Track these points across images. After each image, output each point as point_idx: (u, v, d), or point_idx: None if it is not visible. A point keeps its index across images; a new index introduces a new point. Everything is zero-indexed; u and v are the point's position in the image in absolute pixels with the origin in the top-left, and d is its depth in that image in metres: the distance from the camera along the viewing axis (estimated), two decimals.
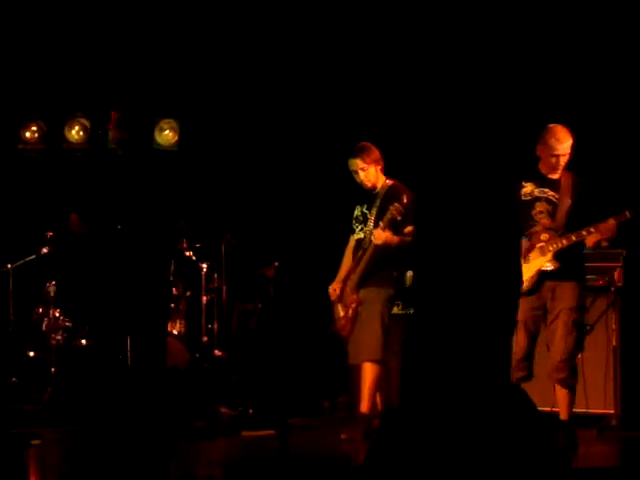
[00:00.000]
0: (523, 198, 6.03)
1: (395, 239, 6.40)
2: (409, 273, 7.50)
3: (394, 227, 6.40)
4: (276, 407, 5.37)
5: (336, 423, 7.05)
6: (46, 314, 8.19)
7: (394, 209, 6.30)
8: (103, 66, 8.72)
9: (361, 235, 6.56)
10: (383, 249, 6.39)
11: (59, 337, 8.11)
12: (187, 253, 7.57)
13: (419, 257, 6.71)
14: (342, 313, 6.55)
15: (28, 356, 8.23)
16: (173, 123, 8.83)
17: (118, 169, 5.16)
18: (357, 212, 6.65)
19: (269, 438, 6.16)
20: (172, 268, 7.71)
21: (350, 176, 6.63)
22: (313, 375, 7.80)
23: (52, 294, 8.20)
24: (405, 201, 6.34)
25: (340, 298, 6.59)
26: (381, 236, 6.36)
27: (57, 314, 8.16)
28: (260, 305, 8.01)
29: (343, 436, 6.28)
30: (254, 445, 5.78)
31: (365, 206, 6.59)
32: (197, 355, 7.77)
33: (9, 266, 8.16)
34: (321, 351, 8.08)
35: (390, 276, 6.50)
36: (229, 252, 7.89)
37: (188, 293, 7.95)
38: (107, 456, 5.00)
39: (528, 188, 6.03)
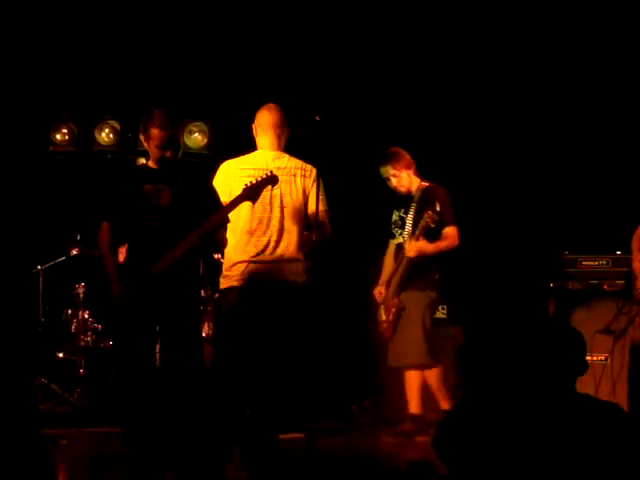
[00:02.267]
0: None
1: (429, 248, 6.38)
2: None
3: (430, 234, 6.38)
4: (304, 410, 5.35)
5: (363, 426, 7.04)
6: (75, 316, 8.22)
7: (428, 217, 6.29)
8: (133, 69, 8.76)
9: (400, 240, 6.55)
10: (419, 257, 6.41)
11: (88, 339, 8.15)
12: (215, 255, 7.57)
13: None
14: (384, 317, 6.58)
15: (57, 357, 8.26)
16: (202, 126, 8.85)
17: (149, 172, 5.15)
18: (395, 217, 6.65)
19: (297, 441, 6.15)
20: (201, 271, 7.73)
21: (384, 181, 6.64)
22: (340, 379, 7.78)
23: (81, 296, 8.23)
24: (439, 206, 6.31)
25: (383, 301, 6.60)
26: (413, 248, 6.37)
27: (86, 316, 8.19)
28: None
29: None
30: (282, 448, 5.75)
31: (402, 210, 6.59)
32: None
33: (39, 267, 8.19)
34: (348, 354, 8.08)
35: (431, 279, 6.49)
36: None
37: (216, 295, 7.96)
38: (135, 457, 5.00)
39: None
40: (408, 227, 6.48)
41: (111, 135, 8.94)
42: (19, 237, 9.03)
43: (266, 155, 5.29)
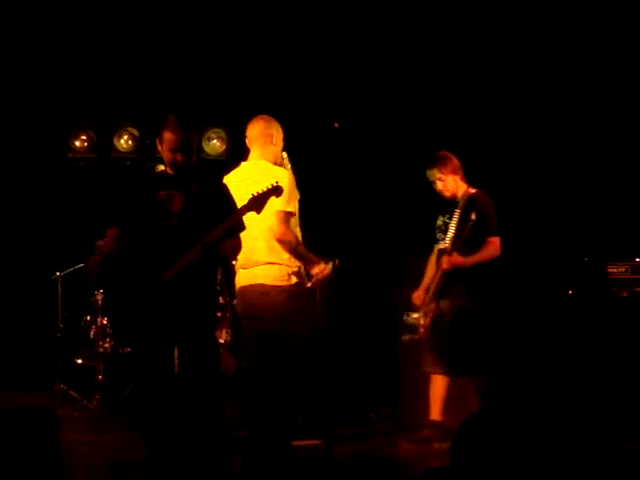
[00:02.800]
0: None
1: (467, 261, 6.33)
2: None
3: (471, 242, 6.33)
4: (323, 417, 5.35)
5: (381, 433, 7.03)
6: (94, 322, 8.25)
7: (466, 229, 6.26)
8: (153, 77, 8.79)
9: (442, 245, 6.51)
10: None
11: (106, 345, 8.17)
12: (233, 262, 7.58)
13: None
14: (422, 321, 6.55)
15: (76, 363, 8.28)
16: (221, 132, 8.87)
17: (164, 178, 5.16)
18: (439, 222, 6.61)
19: (315, 448, 6.15)
20: (219, 277, 7.73)
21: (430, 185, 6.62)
22: (358, 386, 7.77)
23: (100, 302, 8.25)
24: (474, 217, 6.26)
25: (422, 306, 6.59)
26: (448, 262, 6.33)
27: (104, 322, 8.22)
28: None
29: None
30: (301, 455, 5.77)
31: (447, 216, 6.53)
32: (244, 364, 7.77)
33: (58, 274, 8.22)
34: (367, 362, 8.07)
35: (470, 288, 6.43)
36: None
37: (234, 301, 7.95)
38: (153, 463, 5.01)
39: None
40: (450, 233, 6.42)
41: (130, 142, 8.98)
42: (39, 244, 9.09)
43: (248, 165, 5.52)
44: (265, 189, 4.98)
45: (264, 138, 5.52)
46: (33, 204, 9.23)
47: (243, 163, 5.58)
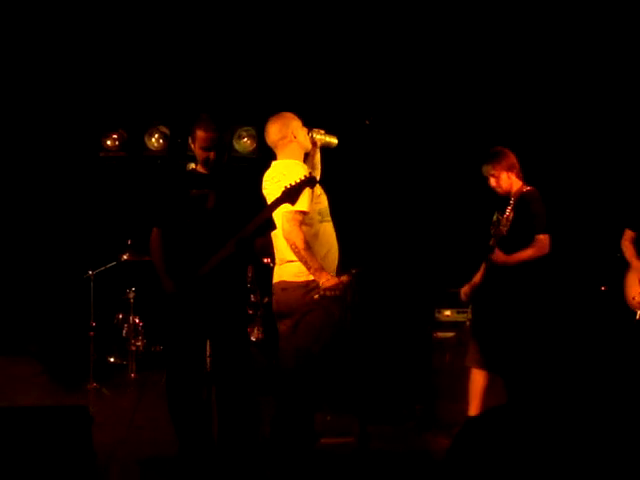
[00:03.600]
0: None
1: (510, 259, 6.31)
2: None
3: (516, 241, 6.30)
4: (356, 414, 5.33)
5: (414, 430, 7.02)
6: (126, 320, 8.30)
7: (502, 227, 6.23)
8: (183, 76, 8.82)
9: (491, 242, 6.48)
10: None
11: (139, 343, 8.21)
12: (265, 260, 7.59)
13: None
14: (470, 315, 6.55)
15: (108, 361, 8.34)
16: (252, 131, 8.89)
17: (197, 176, 5.19)
18: (495, 218, 6.58)
19: (348, 445, 6.14)
20: (250, 275, 7.75)
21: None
22: (391, 383, 7.76)
23: (132, 301, 8.30)
24: (511, 215, 6.24)
25: (468, 300, 6.58)
26: (498, 259, 6.33)
27: (137, 320, 8.26)
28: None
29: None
30: (333, 452, 5.77)
31: (501, 212, 6.51)
32: (274, 362, 7.77)
33: (90, 272, 8.27)
34: (398, 359, 8.05)
35: (517, 286, 6.40)
36: None
37: (266, 299, 7.97)
38: (186, 460, 5.03)
39: None
40: (501, 229, 6.40)
41: (161, 140, 9.02)
42: (72, 243, 9.15)
43: (275, 165, 5.47)
44: (298, 180, 4.97)
45: (282, 141, 5.44)
46: (66, 203, 9.29)
47: (273, 162, 5.57)
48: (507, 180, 6.45)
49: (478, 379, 6.44)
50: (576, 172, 8.37)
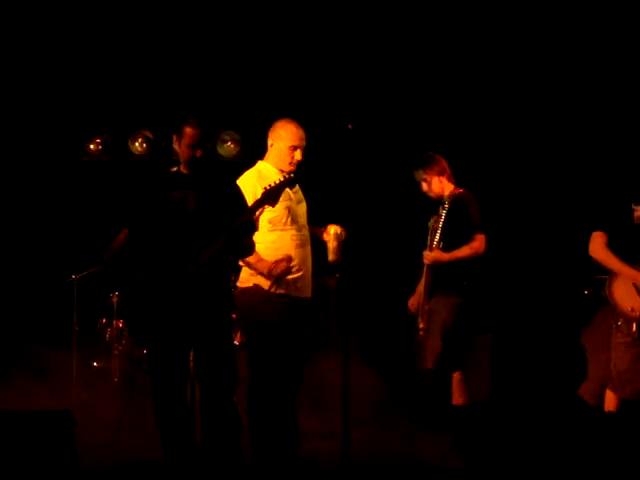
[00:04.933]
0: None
1: (444, 257, 6.38)
2: None
3: (455, 241, 6.36)
4: (339, 419, 5.36)
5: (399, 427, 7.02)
6: (109, 324, 8.27)
7: (443, 228, 6.31)
8: (166, 80, 8.82)
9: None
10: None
11: (122, 347, 8.19)
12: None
13: None
14: (421, 324, 6.58)
15: (92, 365, 8.31)
16: (235, 135, 8.89)
17: (178, 177, 5.20)
18: (430, 223, 6.64)
19: (329, 449, 6.17)
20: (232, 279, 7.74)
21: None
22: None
23: (115, 305, 8.27)
24: (444, 216, 6.33)
25: (419, 309, 6.62)
26: (428, 257, 6.40)
27: (120, 325, 8.24)
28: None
29: None
30: (313, 457, 5.79)
31: (435, 217, 6.56)
32: None
33: (74, 277, 8.24)
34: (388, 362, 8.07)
35: (456, 285, 6.46)
36: None
37: None
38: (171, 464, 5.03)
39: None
40: (436, 234, 6.45)
41: (144, 144, 9.02)
42: (55, 247, 9.12)
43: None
44: (277, 181, 5.01)
45: (268, 145, 5.69)
46: (49, 207, 9.26)
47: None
48: (439, 184, 6.57)
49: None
50: (518, 173, 8.46)
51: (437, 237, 6.41)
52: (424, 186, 6.61)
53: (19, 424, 4.69)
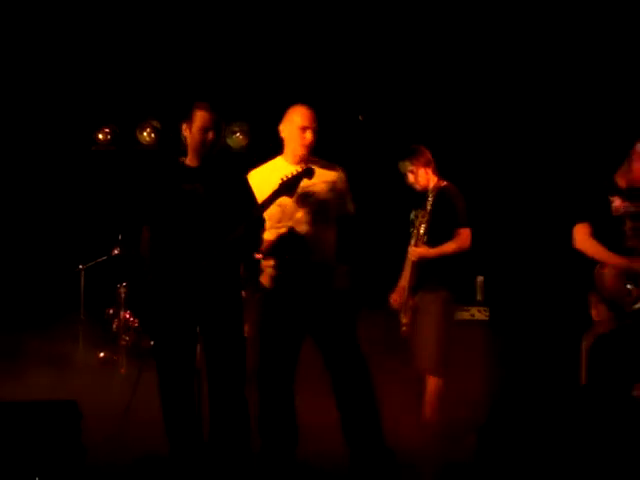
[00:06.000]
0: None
1: (431, 252, 6.28)
2: (479, 278, 7.45)
3: (440, 235, 6.30)
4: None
5: None
6: (117, 315, 8.27)
7: (428, 222, 6.25)
8: (175, 71, 8.81)
9: (413, 240, 6.45)
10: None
11: (129, 338, 8.18)
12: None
13: None
14: (404, 320, 6.48)
15: (98, 356, 8.31)
16: (244, 126, 8.87)
17: (186, 170, 5.15)
18: (412, 216, 6.55)
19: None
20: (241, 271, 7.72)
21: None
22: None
23: (123, 295, 8.27)
24: (430, 208, 6.28)
25: (402, 305, 6.51)
26: (414, 253, 6.32)
27: (127, 315, 8.23)
28: None
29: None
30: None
31: (419, 210, 6.49)
32: None
33: (81, 267, 8.24)
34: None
35: (444, 280, 6.36)
36: None
37: (257, 296, 7.93)
38: (177, 457, 5.01)
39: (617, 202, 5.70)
40: (421, 227, 6.37)
41: (152, 134, 9.01)
42: (62, 237, 9.13)
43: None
44: (295, 172, 4.96)
45: (282, 139, 5.54)
46: (57, 197, 9.27)
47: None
48: (425, 176, 6.51)
49: (431, 382, 6.34)
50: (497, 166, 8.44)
51: (422, 231, 6.31)
52: (410, 177, 6.54)
53: (25, 414, 4.67)
